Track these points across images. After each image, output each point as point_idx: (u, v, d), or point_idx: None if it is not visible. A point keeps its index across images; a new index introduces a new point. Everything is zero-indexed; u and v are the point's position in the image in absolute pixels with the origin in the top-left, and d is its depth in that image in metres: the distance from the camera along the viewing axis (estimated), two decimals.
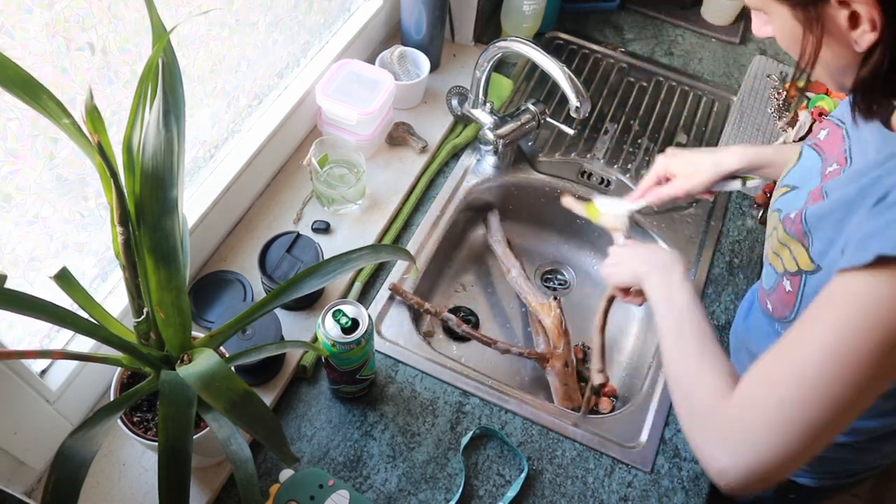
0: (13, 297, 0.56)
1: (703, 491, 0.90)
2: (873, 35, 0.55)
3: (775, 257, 0.76)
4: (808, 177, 0.75)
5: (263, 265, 0.96)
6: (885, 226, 0.56)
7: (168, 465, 0.58)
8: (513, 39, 1.04)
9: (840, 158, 0.71)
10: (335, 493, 0.84)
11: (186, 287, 0.67)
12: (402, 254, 0.80)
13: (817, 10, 0.58)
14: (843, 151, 0.71)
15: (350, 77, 1.15)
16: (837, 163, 0.71)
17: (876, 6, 0.53)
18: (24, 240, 0.73)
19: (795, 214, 0.71)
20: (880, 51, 0.56)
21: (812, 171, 0.75)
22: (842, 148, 0.72)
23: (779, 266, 0.75)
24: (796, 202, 0.74)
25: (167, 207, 0.62)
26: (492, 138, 1.16)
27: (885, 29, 0.54)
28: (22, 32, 0.63)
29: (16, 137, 0.67)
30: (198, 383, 0.58)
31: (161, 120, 0.59)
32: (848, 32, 0.57)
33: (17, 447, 0.77)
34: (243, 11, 0.93)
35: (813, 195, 0.70)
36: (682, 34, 1.52)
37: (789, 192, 0.78)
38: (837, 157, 0.72)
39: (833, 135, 0.74)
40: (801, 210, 0.70)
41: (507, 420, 0.94)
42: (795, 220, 0.71)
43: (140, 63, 0.78)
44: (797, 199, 0.74)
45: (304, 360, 0.94)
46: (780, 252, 0.75)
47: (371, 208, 1.12)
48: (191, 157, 0.96)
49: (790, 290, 0.74)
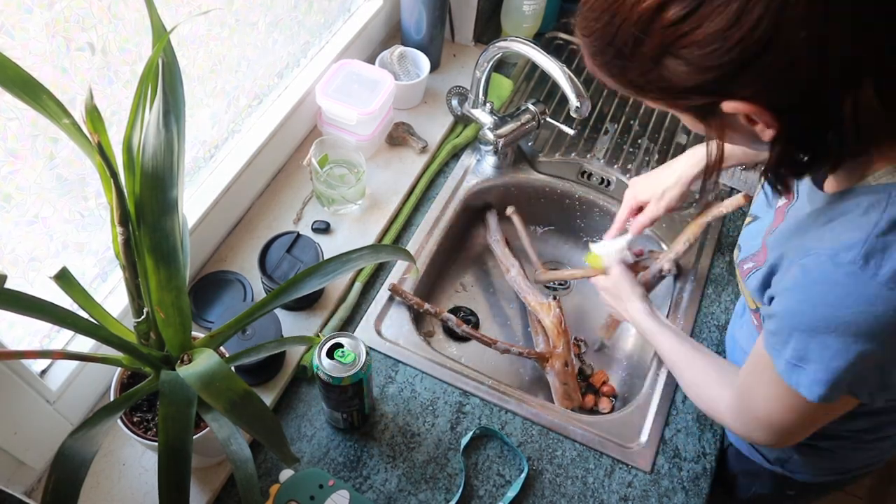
0: (13, 297, 0.56)
1: (703, 491, 0.90)
2: (771, 131, 0.55)
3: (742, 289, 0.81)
4: (765, 208, 0.78)
5: (263, 265, 0.96)
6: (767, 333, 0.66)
7: (168, 465, 0.58)
8: (513, 39, 1.04)
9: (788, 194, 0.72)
10: (335, 493, 0.84)
11: (186, 287, 0.67)
12: (402, 254, 0.80)
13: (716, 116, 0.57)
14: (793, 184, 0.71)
15: (350, 77, 1.15)
16: (786, 197, 0.73)
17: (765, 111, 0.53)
18: (24, 240, 0.73)
19: (747, 268, 0.75)
20: (781, 142, 0.57)
21: (769, 201, 0.78)
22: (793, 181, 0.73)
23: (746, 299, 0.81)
24: (752, 241, 0.76)
25: (167, 207, 0.62)
26: (492, 138, 1.16)
27: (780, 126, 0.55)
28: (22, 32, 0.63)
29: (16, 137, 0.67)
30: (198, 383, 0.58)
31: (161, 120, 0.59)
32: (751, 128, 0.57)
33: (17, 447, 0.77)
34: (243, 11, 0.93)
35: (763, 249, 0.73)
36: None
37: (752, 222, 0.80)
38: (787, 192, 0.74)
39: None
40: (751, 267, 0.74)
41: (507, 420, 0.94)
42: (745, 272, 0.75)
43: (140, 63, 0.78)
44: (754, 236, 0.77)
45: (304, 360, 0.94)
46: (741, 290, 0.80)
47: (371, 208, 1.12)
48: (191, 157, 0.96)
49: (757, 324, 0.79)
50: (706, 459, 0.93)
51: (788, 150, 0.58)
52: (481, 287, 1.24)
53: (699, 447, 0.94)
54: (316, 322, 0.99)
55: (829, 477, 0.91)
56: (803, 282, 0.60)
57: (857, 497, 1.81)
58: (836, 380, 0.60)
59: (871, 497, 1.81)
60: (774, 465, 0.92)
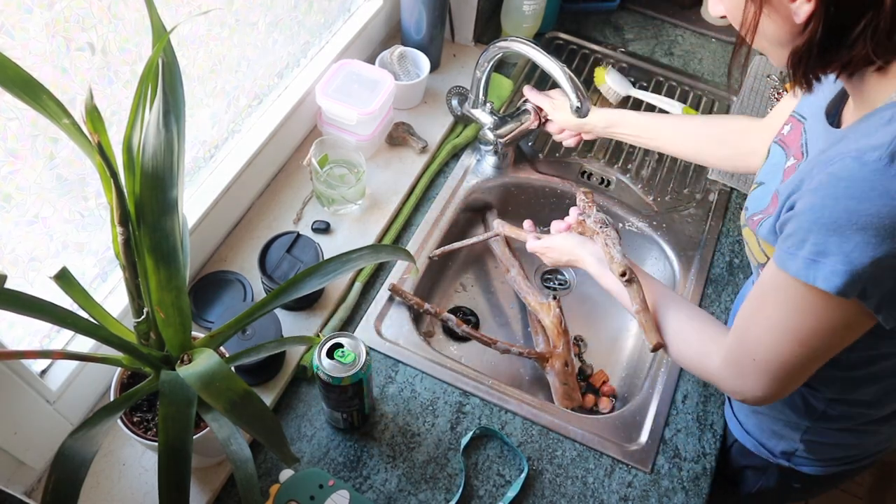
0: (13, 297, 0.56)
1: (703, 491, 0.90)
2: (810, 6, 0.58)
3: (748, 251, 0.81)
4: (773, 172, 0.78)
5: (263, 265, 0.96)
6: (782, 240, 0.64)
7: (168, 465, 0.58)
8: (513, 39, 1.04)
9: (797, 152, 0.73)
10: (335, 493, 0.84)
11: (186, 287, 0.67)
12: (402, 254, 0.80)
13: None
14: (801, 146, 0.73)
15: (350, 77, 1.15)
16: (794, 157, 0.74)
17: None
18: (24, 240, 0.73)
19: (757, 219, 0.75)
20: (815, 21, 0.58)
21: (777, 166, 0.77)
22: (799, 142, 0.74)
23: (753, 259, 0.80)
24: (762, 200, 0.76)
25: (167, 207, 0.62)
26: (492, 138, 1.16)
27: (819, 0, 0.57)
28: (22, 32, 0.63)
29: (16, 137, 0.67)
30: (198, 383, 0.58)
31: (161, 120, 0.59)
32: (788, 4, 0.59)
33: (17, 447, 0.77)
34: (243, 11, 0.93)
35: (774, 197, 0.73)
36: (682, 34, 1.52)
37: (757, 188, 0.80)
38: (795, 152, 0.74)
39: (794, 129, 0.76)
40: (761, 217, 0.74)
41: (507, 420, 0.94)
42: (755, 222, 0.75)
43: (140, 63, 0.78)
44: (763, 196, 0.77)
45: (304, 360, 0.94)
46: (751, 246, 0.79)
47: (371, 208, 1.12)
48: (191, 157, 0.96)
49: None
50: (706, 459, 0.93)
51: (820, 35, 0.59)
52: (481, 287, 1.24)
53: (699, 447, 0.94)
54: (316, 322, 0.99)
55: (836, 468, 0.91)
56: (827, 181, 0.59)
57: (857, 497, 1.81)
58: (856, 272, 0.58)
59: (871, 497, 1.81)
60: (780, 459, 0.92)
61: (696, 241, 1.16)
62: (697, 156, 1.04)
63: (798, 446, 0.89)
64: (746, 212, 0.80)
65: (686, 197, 1.22)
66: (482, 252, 1.28)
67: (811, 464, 0.91)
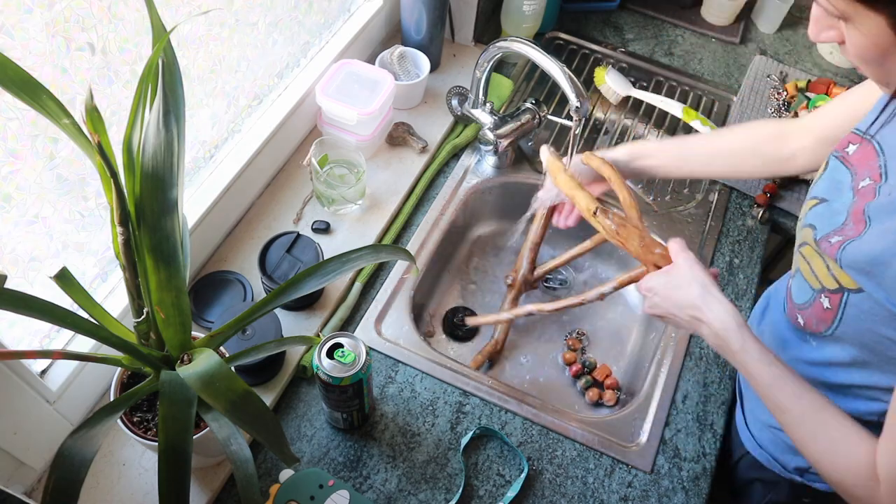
0: (13, 297, 0.56)
1: (703, 491, 0.90)
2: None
3: (810, 273, 0.75)
4: (838, 190, 0.74)
5: (263, 265, 0.96)
6: None
7: (168, 465, 0.58)
8: (513, 39, 1.04)
9: (874, 174, 0.70)
10: (335, 493, 0.84)
11: (186, 287, 0.67)
12: (402, 254, 0.80)
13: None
14: (879, 167, 0.69)
15: (350, 77, 1.15)
16: (871, 178, 0.70)
17: None
18: (24, 240, 0.73)
19: (836, 241, 0.69)
20: None
21: (842, 184, 0.74)
22: (876, 164, 0.70)
23: (814, 282, 0.74)
24: (831, 219, 0.72)
25: (167, 207, 0.62)
26: (492, 138, 1.16)
27: None
28: (22, 32, 0.63)
29: (16, 137, 0.67)
30: (198, 383, 0.58)
31: (161, 120, 0.59)
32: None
33: (17, 447, 0.77)
34: (243, 11, 0.93)
35: (854, 216, 0.68)
36: (682, 34, 1.52)
37: (818, 204, 0.77)
38: (871, 173, 0.70)
39: (864, 149, 0.73)
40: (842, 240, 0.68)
41: (507, 420, 0.94)
42: (835, 246, 0.70)
43: (140, 63, 0.78)
44: (832, 215, 0.72)
45: (304, 360, 0.94)
46: (815, 268, 0.74)
47: (371, 208, 1.12)
48: (191, 157, 0.96)
49: (828, 308, 0.73)
50: (706, 459, 0.93)
51: None
52: (481, 287, 1.24)
53: (699, 447, 0.94)
54: (316, 322, 0.99)
55: None
56: None
57: None
58: None
59: None
60: (794, 475, 0.91)
61: (696, 241, 1.16)
62: (734, 173, 1.00)
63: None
64: (814, 231, 0.74)
65: (686, 197, 1.21)
66: (483, 252, 1.28)
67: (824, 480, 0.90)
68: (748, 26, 1.55)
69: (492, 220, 1.29)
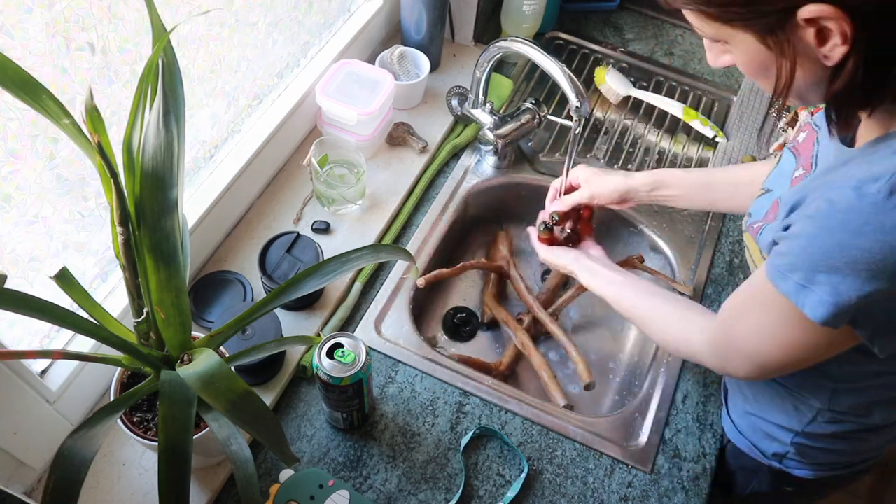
0: (13, 297, 0.56)
1: (703, 491, 0.90)
2: (844, 48, 0.54)
3: (750, 259, 0.80)
4: (780, 179, 0.77)
5: (263, 265, 0.96)
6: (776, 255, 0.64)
7: (168, 465, 0.58)
8: (513, 39, 1.04)
9: (807, 163, 0.72)
10: (335, 493, 0.84)
11: (186, 287, 0.67)
12: (402, 254, 0.80)
13: (785, 32, 0.57)
14: (811, 157, 0.72)
15: (350, 77, 1.15)
16: (804, 167, 0.73)
17: (846, 18, 0.52)
18: (24, 240, 0.73)
19: (756, 226, 0.74)
20: (853, 62, 0.55)
21: (785, 173, 0.76)
22: (811, 153, 0.73)
23: (752, 265, 0.80)
24: (765, 207, 0.76)
25: (167, 207, 0.62)
26: (492, 138, 1.16)
27: (856, 40, 0.53)
28: (22, 32, 0.63)
29: (16, 137, 0.67)
30: (198, 383, 0.58)
31: (161, 120, 0.59)
32: (816, 49, 0.56)
33: (17, 447, 0.77)
34: (243, 11, 0.93)
35: (774, 206, 0.72)
36: (682, 34, 1.52)
37: (763, 194, 0.80)
38: (805, 162, 0.73)
39: (808, 138, 0.75)
40: (761, 224, 0.73)
41: (507, 420, 0.94)
42: (755, 230, 0.75)
43: (140, 63, 0.78)
44: (765, 203, 0.76)
45: (304, 360, 0.94)
46: (753, 254, 0.78)
47: (371, 208, 1.12)
48: (191, 157, 0.96)
49: None
50: (706, 459, 0.93)
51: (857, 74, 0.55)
52: (481, 287, 1.24)
53: (699, 447, 0.94)
54: (316, 322, 0.99)
55: (827, 472, 0.91)
56: (825, 210, 0.58)
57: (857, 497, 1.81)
58: (842, 305, 0.59)
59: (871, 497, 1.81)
60: (772, 461, 0.92)
61: (696, 241, 1.16)
62: None
63: (789, 449, 0.89)
64: (749, 217, 0.80)
65: None
66: (483, 252, 1.28)
67: (802, 467, 0.91)
68: None
69: (492, 220, 1.29)
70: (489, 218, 1.28)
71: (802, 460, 0.90)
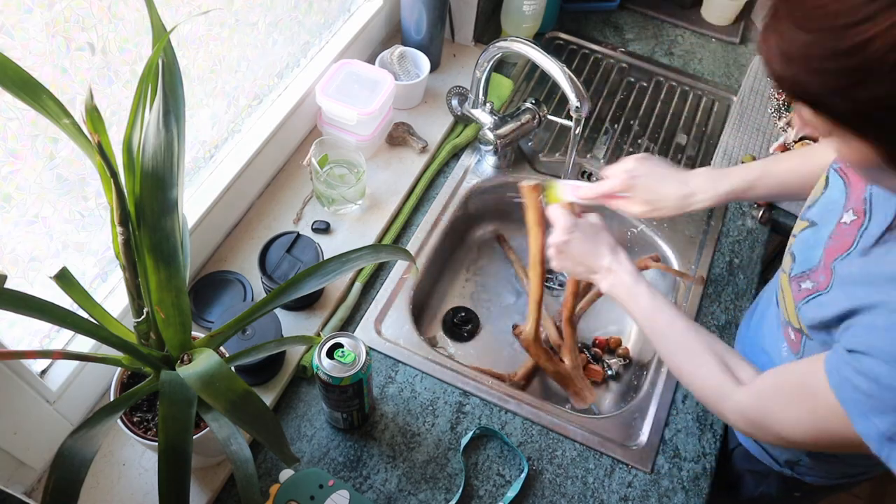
0: (13, 297, 0.56)
1: (703, 491, 0.90)
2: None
3: (783, 301, 0.76)
4: (828, 214, 0.72)
5: (263, 265, 0.96)
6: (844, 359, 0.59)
7: (168, 465, 0.58)
8: (513, 39, 1.04)
9: (859, 207, 0.67)
10: (335, 493, 0.84)
11: (186, 287, 0.67)
12: (402, 254, 0.80)
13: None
14: (863, 200, 0.67)
15: (350, 77, 1.15)
16: (855, 212, 0.67)
17: None
18: (24, 240, 0.73)
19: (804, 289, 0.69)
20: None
21: (835, 205, 0.71)
22: (862, 193, 0.67)
23: (784, 313, 0.75)
24: (812, 253, 0.71)
25: (167, 207, 0.62)
26: (492, 138, 1.16)
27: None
28: (22, 32, 0.63)
29: (16, 137, 0.67)
30: (198, 383, 0.58)
31: (161, 120, 0.59)
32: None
33: (17, 447, 0.77)
34: (243, 11, 0.93)
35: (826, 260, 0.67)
36: (682, 34, 1.52)
37: (808, 228, 0.74)
38: (856, 204, 0.68)
39: None
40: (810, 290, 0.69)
41: (507, 420, 0.94)
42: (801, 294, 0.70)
43: (140, 63, 0.78)
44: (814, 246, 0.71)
45: (304, 360, 0.94)
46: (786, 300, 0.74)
47: (371, 208, 1.12)
48: (191, 157, 0.96)
49: (794, 340, 0.75)
50: (706, 459, 0.93)
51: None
52: (481, 287, 1.24)
53: (699, 447, 0.94)
54: (316, 322, 0.99)
55: (839, 480, 0.91)
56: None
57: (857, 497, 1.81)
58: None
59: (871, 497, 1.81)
60: (784, 468, 0.92)
61: (696, 241, 1.16)
62: None
63: (802, 458, 0.89)
64: (793, 262, 0.74)
65: None
66: (482, 252, 1.28)
67: (814, 474, 0.91)
68: (748, 26, 1.55)
69: (492, 220, 1.29)
70: (489, 218, 1.28)
71: (815, 469, 0.89)
